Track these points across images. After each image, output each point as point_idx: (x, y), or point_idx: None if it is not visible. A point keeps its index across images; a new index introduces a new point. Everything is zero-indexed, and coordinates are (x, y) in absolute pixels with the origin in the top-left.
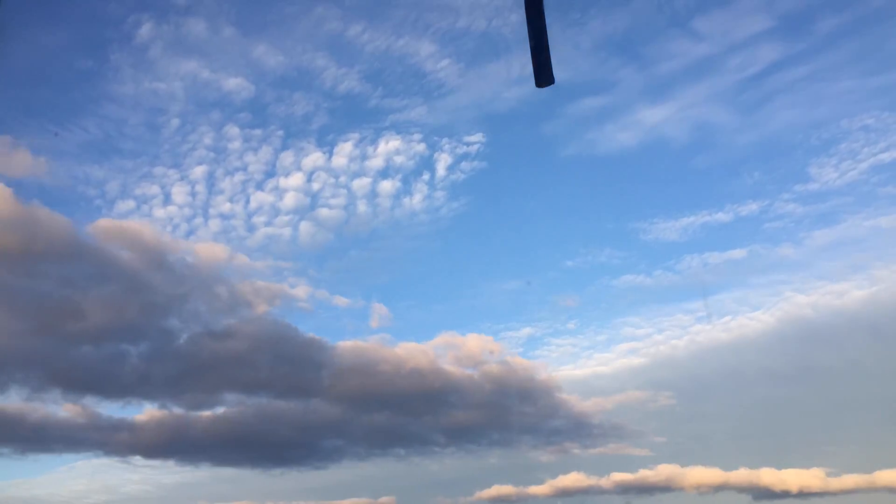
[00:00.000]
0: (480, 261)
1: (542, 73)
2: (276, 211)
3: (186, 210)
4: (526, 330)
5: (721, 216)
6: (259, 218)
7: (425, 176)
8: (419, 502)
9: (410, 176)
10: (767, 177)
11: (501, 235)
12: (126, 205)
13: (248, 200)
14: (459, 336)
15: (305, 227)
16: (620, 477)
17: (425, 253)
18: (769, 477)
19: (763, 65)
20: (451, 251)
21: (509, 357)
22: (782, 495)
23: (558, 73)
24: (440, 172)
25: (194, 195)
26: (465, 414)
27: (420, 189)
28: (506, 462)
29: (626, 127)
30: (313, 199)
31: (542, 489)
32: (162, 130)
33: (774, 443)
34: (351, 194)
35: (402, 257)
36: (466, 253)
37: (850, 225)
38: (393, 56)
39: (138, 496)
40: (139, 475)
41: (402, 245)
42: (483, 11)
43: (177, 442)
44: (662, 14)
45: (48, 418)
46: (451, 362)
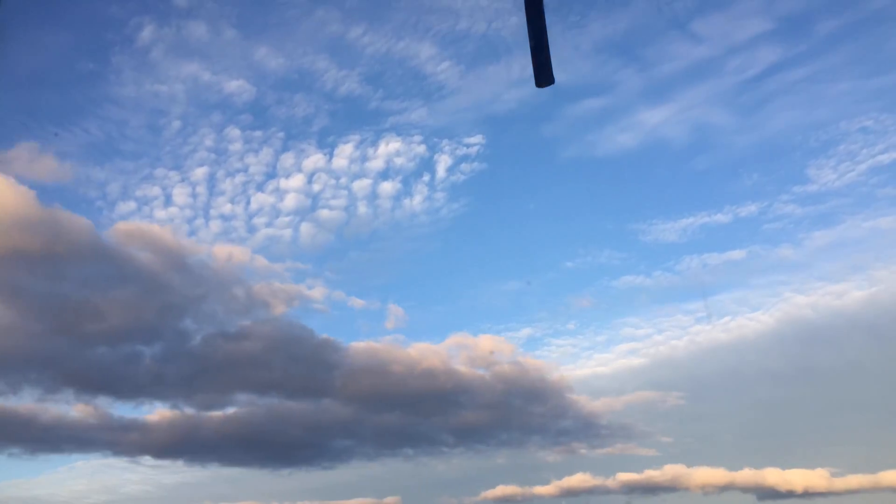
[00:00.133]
0: (480, 262)
1: (542, 73)
2: (277, 212)
3: (187, 211)
4: (526, 330)
5: (720, 217)
6: (260, 219)
7: (425, 177)
8: (424, 502)
9: (411, 177)
10: (766, 178)
11: (501, 236)
12: (127, 206)
13: (249, 202)
14: (471, 337)
15: (306, 229)
16: (626, 477)
17: (425, 254)
18: (774, 477)
19: (762, 67)
20: (451, 252)
21: (521, 357)
22: (787, 495)
23: (558, 75)
24: (440, 174)
25: (195, 196)
26: (475, 414)
27: (420, 190)
28: (513, 462)
29: (626, 128)
30: (314, 201)
31: (548, 489)
32: (163, 132)
33: (779, 443)
34: (351, 195)
35: (402, 258)
36: (466, 254)
37: (849, 226)
38: (393, 58)
39: (139, 496)
40: (139, 475)
41: (403, 246)
42: (483, 14)
43: (186, 442)
44: (662, 16)
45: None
46: (463, 363)
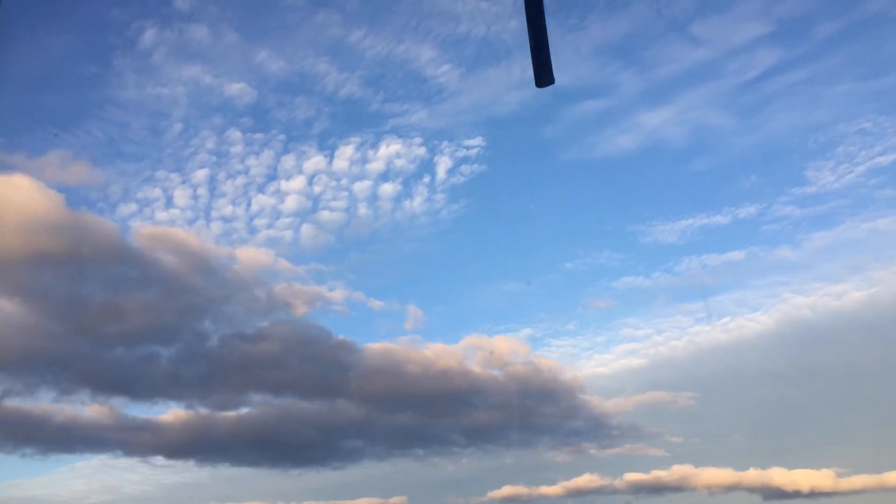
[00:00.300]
0: (480, 262)
1: (542, 73)
2: (278, 213)
3: (188, 213)
4: (525, 331)
5: (719, 218)
6: (260, 220)
7: (426, 179)
8: (430, 502)
9: (411, 179)
10: (765, 179)
11: (501, 237)
12: (128, 208)
13: (250, 203)
14: (487, 338)
15: (307, 230)
16: (634, 477)
17: (425, 255)
18: (780, 477)
19: (761, 69)
20: (451, 253)
21: (535, 358)
22: (793, 495)
23: (558, 77)
24: (440, 175)
25: (196, 198)
26: (487, 414)
27: (420, 192)
28: (521, 462)
29: (626, 130)
30: (314, 202)
31: (554, 489)
32: (165, 135)
33: (784, 443)
34: (352, 197)
35: (402, 259)
36: (466, 254)
37: (848, 227)
38: (394, 61)
39: (139, 496)
40: (140, 475)
41: (402, 247)
42: (483, 17)
43: (198, 442)
44: (661, 19)
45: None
46: (478, 363)
